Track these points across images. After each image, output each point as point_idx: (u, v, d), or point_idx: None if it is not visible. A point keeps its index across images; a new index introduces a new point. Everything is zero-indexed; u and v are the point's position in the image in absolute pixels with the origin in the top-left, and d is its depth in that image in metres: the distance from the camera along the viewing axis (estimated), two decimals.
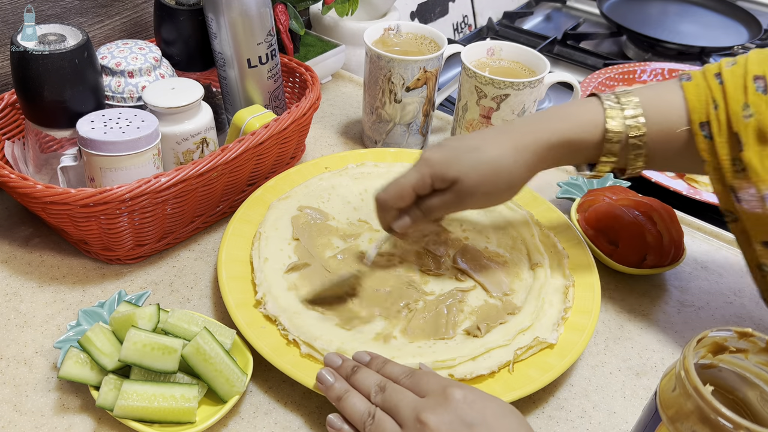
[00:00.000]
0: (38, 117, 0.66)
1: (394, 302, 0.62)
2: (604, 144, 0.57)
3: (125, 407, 0.50)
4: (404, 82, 0.80)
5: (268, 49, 0.75)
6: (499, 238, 0.71)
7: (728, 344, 0.42)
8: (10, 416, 0.53)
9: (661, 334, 0.65)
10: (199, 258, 0.70)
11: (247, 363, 0.55)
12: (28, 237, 0.70)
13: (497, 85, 0.75)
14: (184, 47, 0.76)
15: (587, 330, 0.60)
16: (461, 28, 1.35)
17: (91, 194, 0.58)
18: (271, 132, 0.69)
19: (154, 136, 0.64)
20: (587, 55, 1.26)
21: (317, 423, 0.55)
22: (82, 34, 0.64)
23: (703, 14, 1.42)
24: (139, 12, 0.86)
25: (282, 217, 0.70)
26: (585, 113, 0.58)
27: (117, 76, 0.70)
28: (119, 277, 0.67)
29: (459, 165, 0.57)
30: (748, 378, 0.43)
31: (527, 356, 0.58)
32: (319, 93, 0.77)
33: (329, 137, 0.91)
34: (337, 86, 1.03)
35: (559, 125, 0.58)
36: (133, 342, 0.51)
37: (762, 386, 0.42)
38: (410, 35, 0.86)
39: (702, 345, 0.42)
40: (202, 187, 0.66)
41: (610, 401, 0.58)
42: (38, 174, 0.71)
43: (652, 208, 0.70)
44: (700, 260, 0.75)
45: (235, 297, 0.61)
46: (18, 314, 0.62)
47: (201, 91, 0.69)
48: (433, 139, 0.92)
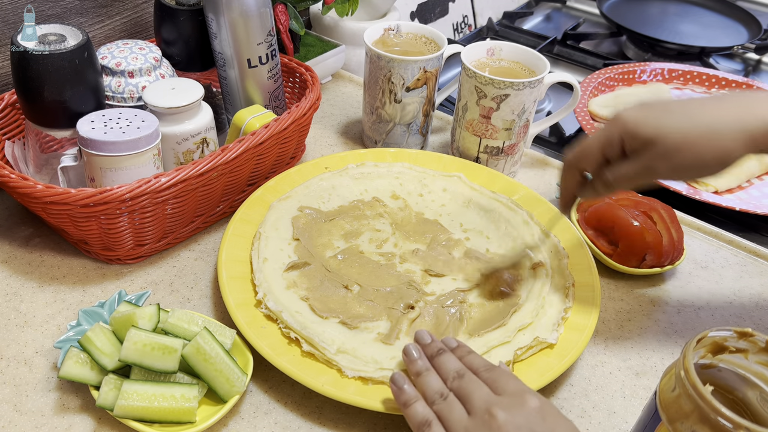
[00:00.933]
0: (38, 117, 0.66)
1: (395, 302, 0.62)
2: None
3: (125, 407, 0.50)
4: (404, 82, 0.80)
5: (268, 49, 0.75)
6: (500, 238, 0.71)
7: (728, 344, 0.42)
8: (10, 416, 0.53)
9: (661, 334, 0.65)
10: (200, 258, 0.70)
11: (247, 363, 0.55)
12: (28, 237, 0.70)
13: (497, 85, 0.75)
14: (184, 47, 0.76)
15: (587, 330, 0.60)
16: (461, 28, 1.35)
17: (91, 194, 0.58)
18: (271, 132, 0.69)
19: (154, 136, 0.64)
20: (587, 55, 1.26)
21: (317, 423, 0.55)
22: (82, 34, 0.64)
23: (703, 14, 1.42)
24: (139, 12, 0.86)
25: (282, 218, 0.70)
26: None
27: (117, 76, 0.70)
28: (119, 277, 0.67)
29: (658, 123, 0.50)
30: (747, 378, 0.43)
31: (527, 356, 0.58)
32: (319, 93, 0.77)
33: (329, 137, 0.91)
34: (337, 86, 1.03)
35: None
36: (133, 342, 0.51)
37: (762, 386, 0.42)
38: (410, 35, 0.86)
39: (702, 345, 0.42)
40: (202, 187, 0.66)
41: (610, 401, 0.58)
42: (38, 174, 0.71)
43: (652, 208, 0.70)
44: (700, 260, 0.75)
45: (235, 297, 0.61)
46: (18, 314, 0.62)
47: (201, 91, 0.69)
48: (433, 139, 0.92)
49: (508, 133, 0.79)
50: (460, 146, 0.83)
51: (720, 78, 1.10)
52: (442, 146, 0.91)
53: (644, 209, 0.70)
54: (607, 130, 0.53)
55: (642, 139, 0.51)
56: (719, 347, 0.43)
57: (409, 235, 0.71)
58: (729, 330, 0.42)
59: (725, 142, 0.50)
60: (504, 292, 0.64)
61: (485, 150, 0.81)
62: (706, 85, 1.10)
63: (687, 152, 0.50)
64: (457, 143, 0.84)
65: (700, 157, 0.51)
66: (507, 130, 0.79)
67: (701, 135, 0.50)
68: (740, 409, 0.43)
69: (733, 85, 1.09)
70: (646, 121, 0.51)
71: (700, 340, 0.42)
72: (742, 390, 0.43)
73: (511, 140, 0.80)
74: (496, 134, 0.79)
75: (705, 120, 0.50)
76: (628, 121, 0.52)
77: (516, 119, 0.78)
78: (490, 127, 0.79)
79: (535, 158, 0.89)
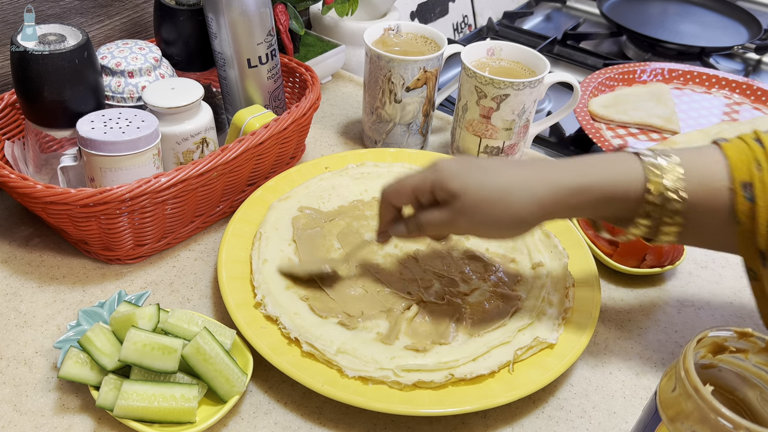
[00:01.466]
0: (38, 117, 0.66)
1: (395, 302, 0.62)
2: (642, 204, 0.51)
3: (125, 407, 0.50)
4: (404, 82, 0.80)
5: (268, 49, 0.75)
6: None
7: (728, 344, 0.42)
8: (10, 416, 0.53)
9: (661, 334, 0.65)
10: (199, 258, 0.70)
11: (247, 363, 0.55)
12: (28, 237, 0.70)
13: (497, 85, 0.75)
14: (184, 47, 0.76)
15: (587, 330, 0.60)
16: (461, 28, 1.35)
17: (91, 194, 0.58)
18: (271, 132, 0.69)
19: (154, 136, 0.64)
20: (587, 55, 1.26)
21: (317, 423, 0.55)
22: (82, 34, 0.64)
23: (703, 14, 1.42)
24: (139, 12, 0.86)
25: (282, 218, 0.70)
26: (622, 162, 0.52)
27: (117, 76, 0.70)
28: (119, 277, 0.67)
29: (463, 179, 0.53)
30: (747, 378, 0.43)
31: (527, 356, 0.58)
32: (319, 93, 0.77)
33: (329, 137, 0.91)
34: (337, 86, 1.03)
35: (590, 170, 0.53)
36: (133, 342, 0.51)
37: (762, 386, 0.42)
38: (410, 35, 0.86)
39: (702, 345, 0.42)
40: (202, 187, 0.66)
41: (610, 401, 0.58)
42: (38, 174, 0.71)
43: None
44: (700, 260, 0.75)
45: (235, 297, 0.61)
46: (18, 314, 0.62)
47: (201, 91, 0.69)
48: (433, 139, 0.92)
49: (508, 133, 0.79)
50: (460, 146, 0.83)
51: (720, 78, 1.10)
52: (442, 146, 0.91)
53: None
54: (423, 176, 0.55)
55: (448, 192, 0.53)
56: (719, 347, 0.43)
57: None
58: (729, 330, 0.42)
59: (516, 206, 0.52)
60: (504, 293, 0.64)
61: (485, 150, 0.81)
62: (706, 85, 1.10)
63: (484, 211, 0.52)
64: (457, 143, 0.84)
65: (496, 217, 0.53)
66: (507, 130, 0.79)
67: (495, 196, 0.52)
68: (740, 409, 0.43)
69: (733, 85, 1.09)
70: (454, 176, 0.53)
71: (700, 340, 0.42)
72: (743, 390, 0.43)
73: (511, 140, 0.80)
74: (496, 134, 0.79)
75: (503, 181, 0.53)
76: (441, 171, 0.53)
77: (516, 119, 0.78)
78: (490, 127, 0.79)
79: (535, 158, 0.89)
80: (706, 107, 1.06)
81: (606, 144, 0.91)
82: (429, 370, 0.55)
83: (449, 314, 0.61)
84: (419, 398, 0.54)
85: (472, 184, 0.52)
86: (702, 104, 1.06)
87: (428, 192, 0.54)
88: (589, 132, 0.93)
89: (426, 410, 0.53)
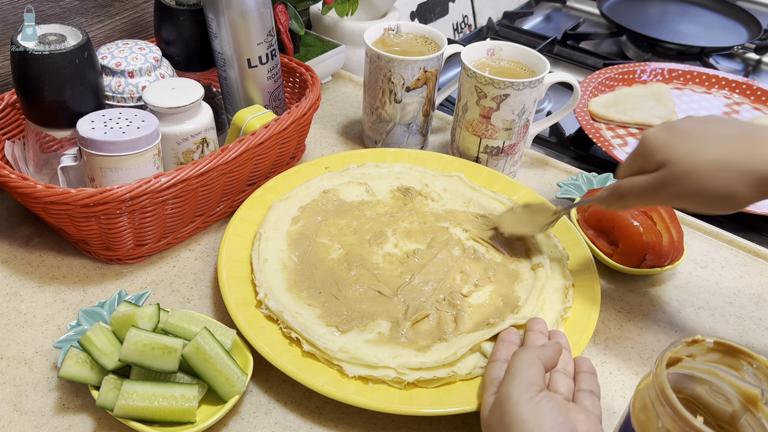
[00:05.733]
0: (38, 117, 0.66)
1: (396, 303, 0.62)
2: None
3: (125, 407, 0.50)
4: (404, 82, 0.80)
5: (268, 49, 0.75)
6: (500, 238, 0.71)
7: (679, 355, 0.43)
8: (10, 416, 0.53)
9: (661, 334, 0.65)
10: (199, 258, 0.70)
11: (247, 363, 0.55)
12: (28, 237, 0.70)
13: (497, 85, 0.75)
14: (184, 47, 0.76)
15: (587, 330, 0.60)
16: (461, 28, 1.35)
17: (91, 194, 0.58)
18: (271, 132, 0.69)
19: (154, 136, 0.64)
20: (587, 55, 1.26)
21: (317, 423, 0.55)
22: (82, 34, 0.64)
23: (703, 14, 1.42)
24: (139, 12, 0.86)
25: (283, 218, 0.70)
26: None
27: (117, 76, 0.70)
28: (119, 277, 0.67)
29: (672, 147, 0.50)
30: (695, 375, 0.44)
31: None
32: (319, 93, 0.77)
33: (329, 137, 0.91)
34: (337, 86, 1.03)
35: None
36: (133, 342, 0.51)
37: (710, 380, 0.43)
38: (410, 35, 0.86)
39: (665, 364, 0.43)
40: (202, 187, 0.66)
41: (610, 401, 0.58)
42: (38, 174, 0.71)
43: (652, 208, 0.70)
44: (700, 260, 0.75)
45: (235, 297, 0.61)
46: (18, 314, 0.62)
47: (201, 91, 0.69)
48: (433, 139, 0.92)
49: (508, 133, 0.79)
50: (460, 146, 0.83)
51: (720, 78, 1.10)
52: (442, 146, 0.91)
53: (644, 209, 0.70)
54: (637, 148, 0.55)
55: (656, 161, 0.52)
56: (674, 360, 0.43)
57: (410, 235, 0.71)
58: (680, 342, 0.43)
59: (728, 181, 0.49)
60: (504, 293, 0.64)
61: (485, 150, 0.81)
62: (706, 85, 1.10)
63: (693, 181, 0.50)
64: (457, 143, 0.84)
65: (704, 189, 0.50)
66: (507, 130, 0.79)
67: (708, 168, 0.49)
68: (692, 405, 0.44)
69: (733, 85, 1.09)
70: (663, 144, 0.52)
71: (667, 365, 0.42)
72: (691, 387, 0.44)
73: (511, 140, 0.80)
74: (496, 134, 0.79)
75: (713, 153, 0.49)
76: (648, 141, 0.53)
77: (516, 119, 0.78)
78: (490, 127, 0.79)
79: (535, 158, 0.89)
80: (706, 107, 1.06)
81: (606, 144, 0.91)
82: (430, 368, 0.55)
83: (450, 314, 0.61)
84: (419, 398, 0.54)
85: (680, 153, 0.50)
86: (702, 104, 1.06)
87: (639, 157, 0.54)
88: (588, 132, 0.93)
89: (426, 410, 0.53)
